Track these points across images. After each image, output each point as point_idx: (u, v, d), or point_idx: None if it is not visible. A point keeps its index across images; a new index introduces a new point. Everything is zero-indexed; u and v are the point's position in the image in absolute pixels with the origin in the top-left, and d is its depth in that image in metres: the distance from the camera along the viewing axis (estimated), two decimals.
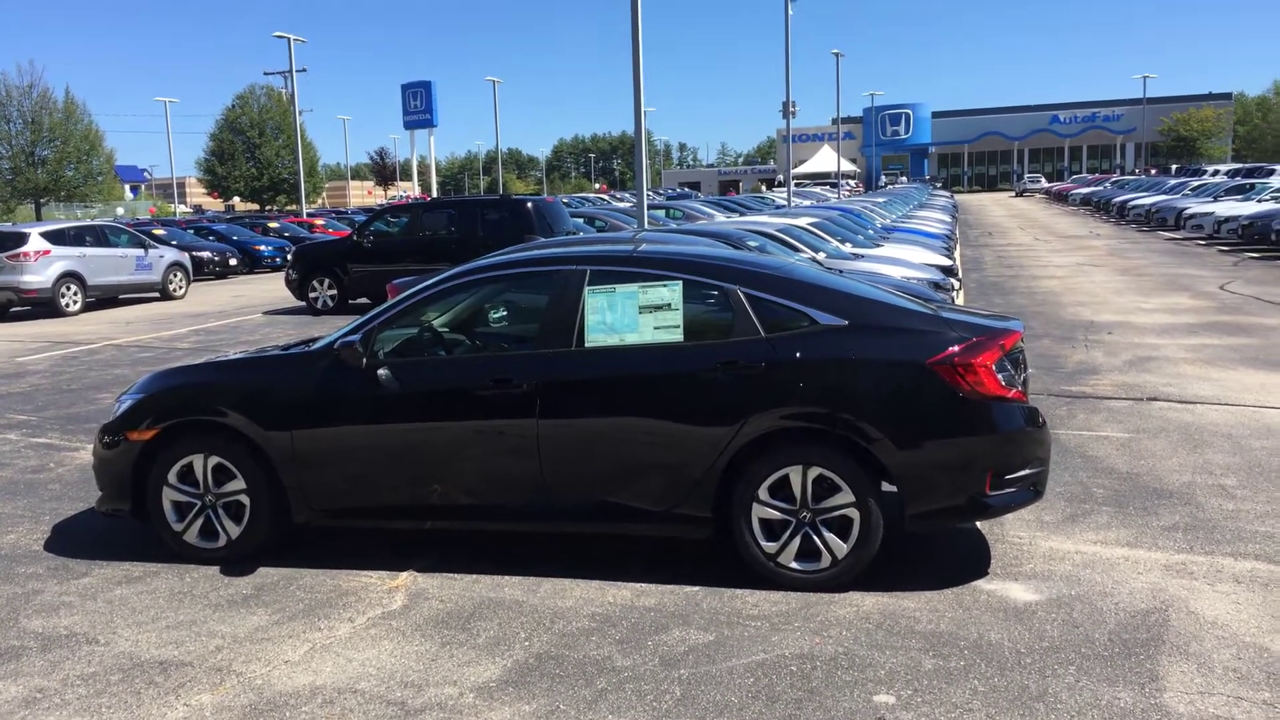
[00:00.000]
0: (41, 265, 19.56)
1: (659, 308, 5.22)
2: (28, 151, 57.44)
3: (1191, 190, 38.77)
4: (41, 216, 57.14)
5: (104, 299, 21.33)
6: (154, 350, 14.51)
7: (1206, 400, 8.92)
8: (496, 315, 6.43)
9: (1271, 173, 41.41)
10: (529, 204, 18.23)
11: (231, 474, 5.56)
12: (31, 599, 5.24)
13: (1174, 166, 71.15)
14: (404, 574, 5.40)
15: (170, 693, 4.15)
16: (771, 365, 4.95)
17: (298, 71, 47.66)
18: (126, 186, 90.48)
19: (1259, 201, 29.76)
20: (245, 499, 5.55)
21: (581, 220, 22.85)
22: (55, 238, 20.22)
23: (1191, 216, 31.20)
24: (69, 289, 19.97)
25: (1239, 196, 32.67)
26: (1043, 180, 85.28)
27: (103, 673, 4.35)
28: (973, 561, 5.33)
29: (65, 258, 19.99)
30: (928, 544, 5.56)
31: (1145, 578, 5.03)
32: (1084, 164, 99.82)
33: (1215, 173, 50.22)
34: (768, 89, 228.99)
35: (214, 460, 5.57)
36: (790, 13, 39.31)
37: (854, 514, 4.89)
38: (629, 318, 5.23)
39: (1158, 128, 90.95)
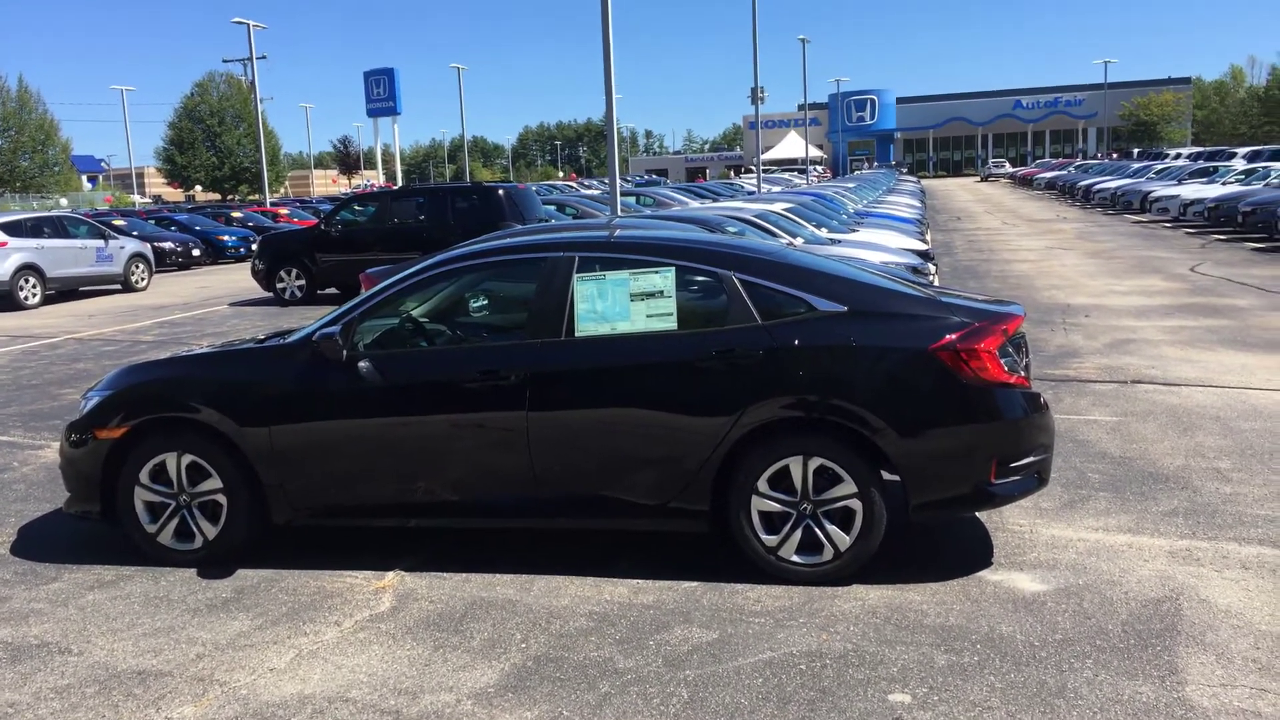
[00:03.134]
0: None
1: (651, 295, 5.05)
2: None
3: (1155, 174, 39.07)
4: None
5: (64, 291, 20.79)
6: (118, 344, 14.13)
7: (1191, 382, 8.88)
8: (479, 304, 6.22)
9: (1233, 156, 41.86)
10: (500, 191, 17.97)
11: (207, 472, 5.32)
12: None
13: (1136, 151, 71.69)
14: (390, 574, 5.20)
15: (150, 705, 3.93)
16: (769, 353, 4.79)
17: (258, 59, 46.92)
18: (84, 177, 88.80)
19: (1224, 184, 30.01)
20: (222, 498, 5.32)
21: (553, 208, 22.60)
22: (11, 229, 19.71)
23: (1157, 199, 31.43)
24: (27, 281, 19.44)
25: (1203, 179, 32.96)
26: (1007, 165, 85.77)
27: (77, 685, 4.13)
28: (975, 551, 5.21)
29: (22, 249, 19.46)
30: (927, 534, 5.43)
31: (1152, 565, 4.93)
32: (1047, 149, 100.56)
33: (1177, 156, 50.66)
34: (733, 76, 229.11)
35: (188, 458, 5.34)
36: None
37: (856, 505, 4.75)
38: (620, 306, 5.06)
39: (1119, 112, 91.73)
